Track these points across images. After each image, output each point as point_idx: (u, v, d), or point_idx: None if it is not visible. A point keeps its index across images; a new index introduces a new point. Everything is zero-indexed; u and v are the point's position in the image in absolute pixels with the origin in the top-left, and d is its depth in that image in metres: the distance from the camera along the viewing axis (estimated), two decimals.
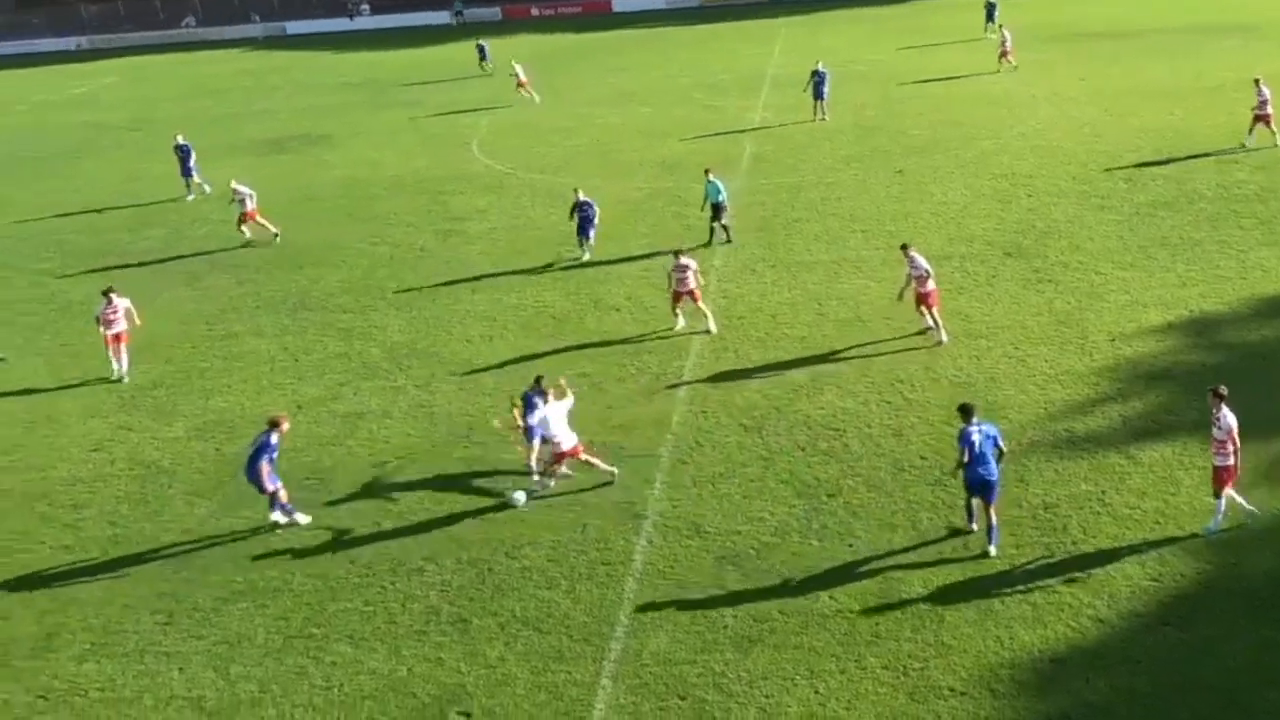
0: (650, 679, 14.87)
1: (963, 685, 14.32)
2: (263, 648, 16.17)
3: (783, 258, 29.74)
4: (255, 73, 71.30)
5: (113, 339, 25.33)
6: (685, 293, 25.09)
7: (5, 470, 21.98)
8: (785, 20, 74.44)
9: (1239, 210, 30.38)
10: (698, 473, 19.69)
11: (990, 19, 59.25)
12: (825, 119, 43.95)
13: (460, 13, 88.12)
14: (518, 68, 54.05)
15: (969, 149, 38.50)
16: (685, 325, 25.35)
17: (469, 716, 14.56)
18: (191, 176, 40.03)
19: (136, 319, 25.90)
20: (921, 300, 23.84)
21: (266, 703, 15.09)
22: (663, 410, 21.99)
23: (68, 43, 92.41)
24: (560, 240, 31.45)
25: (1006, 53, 50.85)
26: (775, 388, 22.52)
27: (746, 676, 14.76)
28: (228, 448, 22.02)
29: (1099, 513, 17.54)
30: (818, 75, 44.20)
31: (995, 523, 16.70)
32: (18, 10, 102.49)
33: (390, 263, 32.17)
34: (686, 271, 24.94)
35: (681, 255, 25.27)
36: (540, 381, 19.91)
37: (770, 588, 16.44)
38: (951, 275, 27.13)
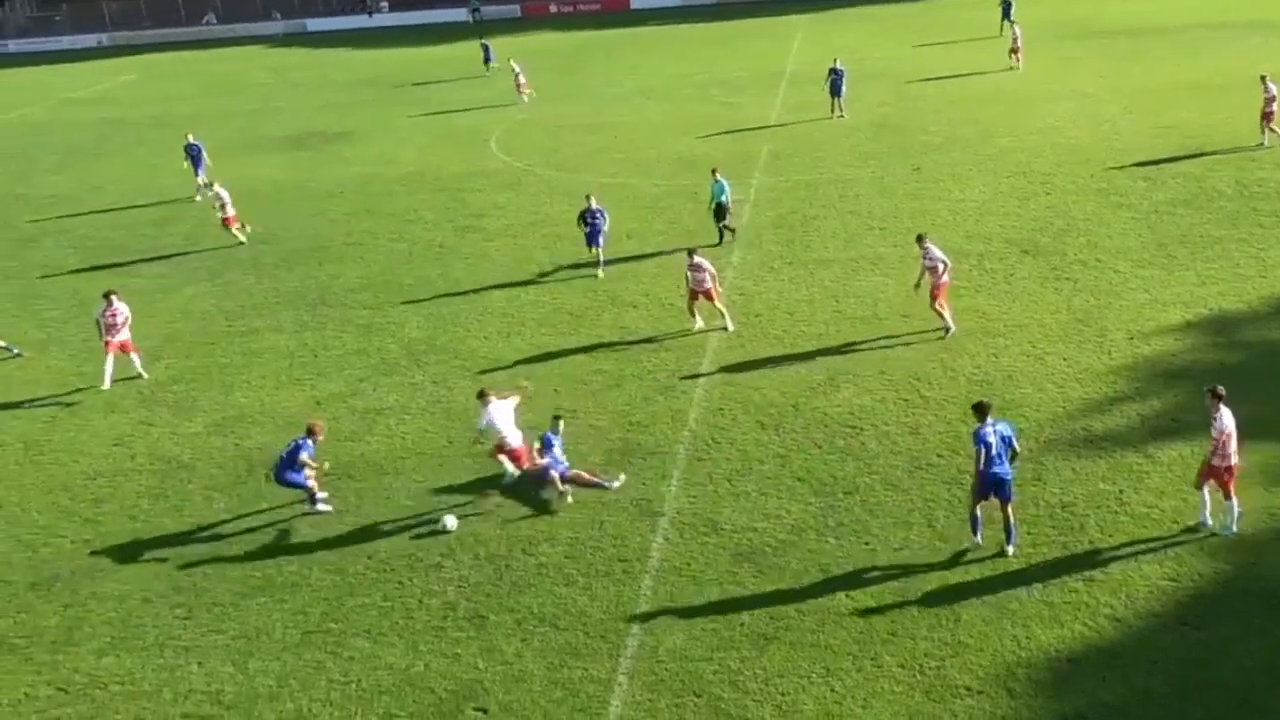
0: (666, 676, 14.91)
1: (979, 684, 14.32)
2: (281, 642, 16.27)
3: (800, 255, 29.72)
4: (275, 69, 71.54)
5: (118, 347, 24.96)
6: (701, 292, 25.07)
7: (27, 464, 22.16)
8: (803, 18, 74.29)
9: (1259, 208, 30.23)
10: (714, 470, 19.72)
11: (1006, 16, 59.01)
12: (843, 116, 43.89)
13: (477, 9, 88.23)
14: (516, 67, 54.06)
15: (987, 146, 38.39)
16: (703, 325, 25.34)
17: (485, 712, 14.62)
18: (200, 176, 39.95)
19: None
20: (933, 293, 23.89)
21: (284, 697, 15.19)
22: (680, 407, 22.03)
23: (89, 40, 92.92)
24: (579, 237, 31.46)
25: (1016, 50, 50.69)
26: (792, 385, 22.53)
27: (763, 674, 14.79)
28: (247, 443, 22.16)
29: (1117, 512, 17.50)
30: (835, 73, 44.14)
31: (1013, 522, 16.64)
32: (41, 7, 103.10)
33: (409, 259, 32.28)
34: (702, 271, 24.89)
35: (695, 254, 25.19)
36: (558, 421, 19.72)
37: (786, 585, 16.46)
38: (969, 273, 27.09)
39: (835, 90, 44.07)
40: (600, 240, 29.59)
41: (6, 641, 16.79)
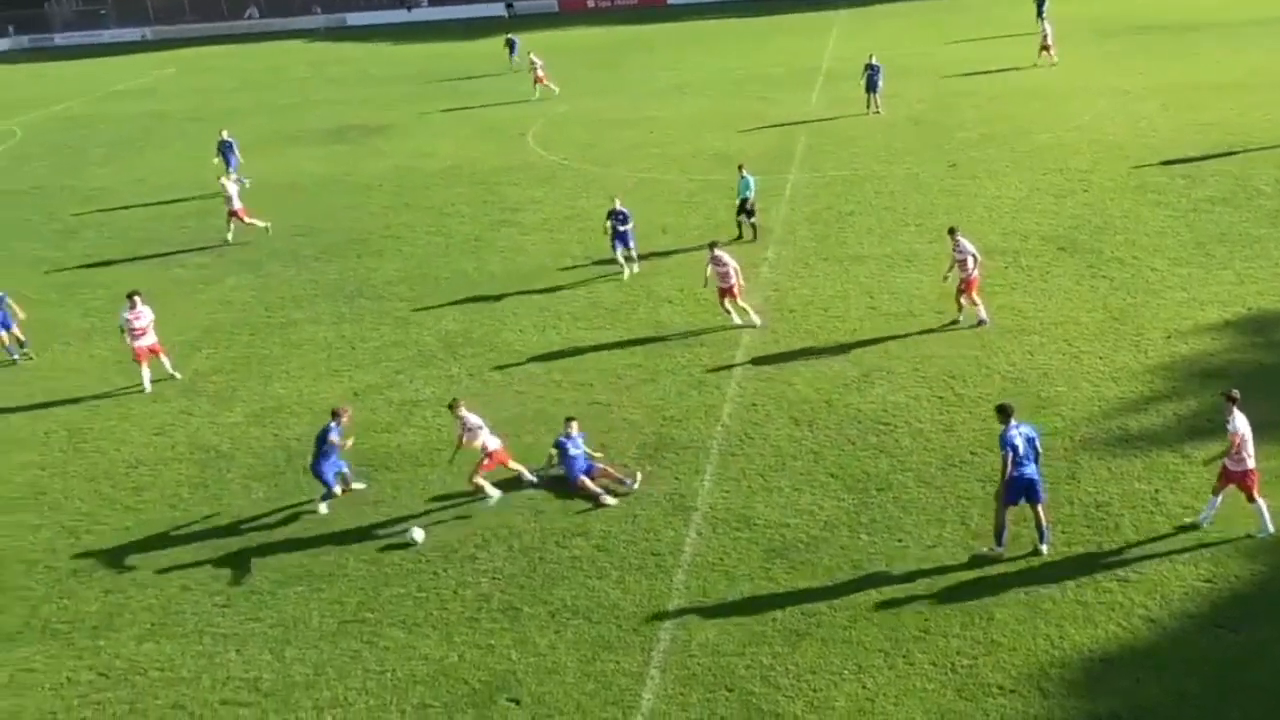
0: (698, 670, 15.00)
1: (1012, 683, 14.32)
2: (317, 631, 16.48)
3: (835, 251, 29.69)
4: (316, 63, 71.99)
5: (147, 352, 24.64)
6: (727, 289, 25.03)
7: (71, 452, 22.52)
8: (840, 13, 73.99)
9: None
10: (747, 465, 19.77)
11: (1040, 13, 58.50)
12: (879, 112, 43.72)
13: (511, 4, 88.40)
14: (536, 60, 54.09)
15: (1023, 143, 38.16)
16: (738, 320, 25.37)
17: (518, 704, 14.76)
18: (231, 172, 39.93)
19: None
20: (963, 287, 23.83)
21: (321, 685, 15.39)
22: (713, 402, 22.08)
23: (134, 33, 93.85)
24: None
25: (1047, 47, 50.30)
26: (826, 381, 22.54)
27: (794, 670, 14.85)
28: (286, 433, 22.42)
29: (1152, 512, 17.42)
30: (871, 68, 43.95)
31: (1046, 522, 16.60)
32: (86, 1, 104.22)
33: (446, 252, 32.48)
34: (724, 265, 24.79)
35: (716, 247, 25.10)
36: (570, 423, 19.63)
37: (819, 581, 16.51)
38: (1005, 270, 26.99)
39: (871, 86, 43.89)
40: (630, 240, 29.22)
41: (49, 626, 17.11)
